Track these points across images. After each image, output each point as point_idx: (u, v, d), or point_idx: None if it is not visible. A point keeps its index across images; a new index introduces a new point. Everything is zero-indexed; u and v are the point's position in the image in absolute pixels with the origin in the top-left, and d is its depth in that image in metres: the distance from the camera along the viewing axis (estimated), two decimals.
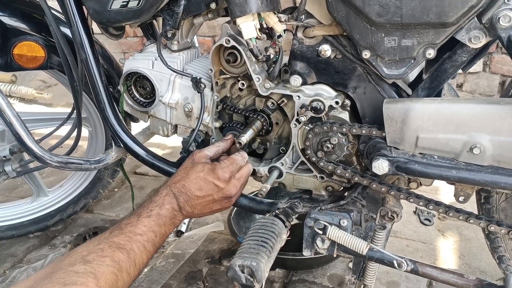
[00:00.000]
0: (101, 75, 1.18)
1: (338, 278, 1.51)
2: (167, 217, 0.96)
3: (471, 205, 1.04)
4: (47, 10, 1.17)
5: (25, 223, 1.76)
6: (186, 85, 1.16)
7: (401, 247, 1.66)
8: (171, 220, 0.97)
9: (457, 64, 0.92)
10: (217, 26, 3.19)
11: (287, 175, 1.13)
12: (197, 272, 1.57)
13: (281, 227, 0.97)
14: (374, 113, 1.01)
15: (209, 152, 1.08)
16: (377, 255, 0.97)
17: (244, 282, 0.86)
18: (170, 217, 0.97)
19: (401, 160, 0.93)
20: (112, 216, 1.92)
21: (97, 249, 0.83)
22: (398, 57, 0.91)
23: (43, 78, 3.61)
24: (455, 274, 0.96)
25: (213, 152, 1.08)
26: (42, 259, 1.62)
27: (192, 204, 1.01)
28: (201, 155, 1.06)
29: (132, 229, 0.90)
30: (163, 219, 0.95)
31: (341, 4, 0.90)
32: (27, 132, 1.14)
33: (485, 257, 1.59)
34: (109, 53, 1.58)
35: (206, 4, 1.05)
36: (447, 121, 0.89)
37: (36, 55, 1.41)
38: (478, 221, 0.97)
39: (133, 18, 1.09)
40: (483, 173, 0.88)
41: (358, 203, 1.03)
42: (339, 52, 0.99)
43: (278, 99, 1.08)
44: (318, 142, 1.04)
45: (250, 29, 0.95)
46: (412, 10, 0.85)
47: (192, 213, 1.02)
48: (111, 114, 1.20)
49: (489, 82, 2.84)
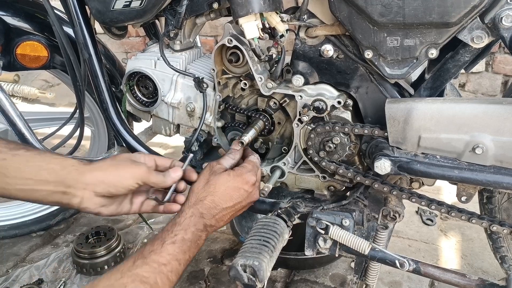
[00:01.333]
0: (104, 75, 1.18)
1: (340, 277, 1.51)
2: (192, 241, 0.90)
3: (473, 205, 1.04)
4: (50, 10, 1.18)
5: (28, 222, 1.76)
6: (189, 85, 1.17)
7: (403, 247, 1.66)
8: (196, 243, 0.91)
9: (460, 64, 0.92)
10: (219, 26, 3.20)
11: (289, 175, 1.14)
12: (199, 271, 1.57)
13: (283, 227, 0.97)
14: (376, 113, 1.01)
15: (227, 164, 1.03)
16: (379, 255, 0.97)
17: (246, 282, 0.86)
18: (194, 240, 0.90)
19: (404, 160, 0.93)
20: (114, 216, 1.92)
21: (120, 284, 0.79)
22: (400, 57, 0.91)
23: (46, 78, 3.62)
24: (457, 274, 0.96)
25: (230, 164, 1.04)
26: (44, 258, 1.63)
27: (219, 217, 0.97)
28: (220, 166, 1.01)
29: (156, 258, 0.83)
30: (187, 244, 0.88)
31: (343, 4, 0.90)
32: (30, 131, 1.15)
33: (487, 257, 1.59)
34: (111, 53, 1.58)
35: (208, 4, 1.06)
36: (450, 121, 0.89)
37: (39, 55, 1.42)
38: (481, 221, 0.96)
39: (135, 18, 1.09)
40: (486, 173, 0.88)
41: (360, 203, 1.03)
42: (341, 52, 0.99)
43: (280, 99, 1.08)
44: (320, 142, 1.04)
45: (253, 29, 0.96)
46: (414, 10, 0.85)
47: (217, 226, 0.98)
48: (114, 113, 1.20)
49: (491, 82, 2.83)
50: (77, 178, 0.89)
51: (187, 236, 0.89)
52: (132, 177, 0.93)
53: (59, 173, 0.88)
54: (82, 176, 0.89)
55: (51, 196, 0.88)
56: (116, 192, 0.93)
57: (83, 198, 0.90)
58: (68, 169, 0.89)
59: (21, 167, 0.86)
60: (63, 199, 0.89)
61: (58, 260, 1.61)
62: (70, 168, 0.89)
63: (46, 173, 0.87)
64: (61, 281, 1.51)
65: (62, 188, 0.88)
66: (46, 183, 0.87)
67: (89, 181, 0.89)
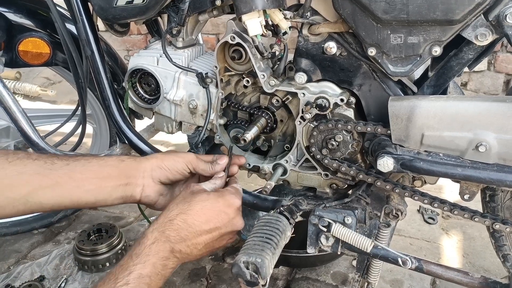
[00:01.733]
0: (106, 72, 1.18)
1: (341, 276, 1.51)
2: (152, 275, 0.76)
3: (476, 203, 1.04)
4: (52, 7, 1.18)
5: (30, 219, 1.76)
6: (191, 82, 1.16)
7: (404, 246, 1.66)
8: (159, 275, 0.78)
9: (463, 61, 0.92)
10: (221, 23, 3.19)
11: (292, 173, 1.13)
12: (200, 269, 1.57)
13: (285, 224, 0.97)
14: (379, 110, 1.00)
15: (207, 187, 0.94)
16: (381, 253, 0.97)
17: (248, 279, 0.86)
18: (156, 272, 0.78)
19: (406, 157, 0.93)
20: (116, 213, 1.93)
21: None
22: (404, 54, 0.91)
23: (47, 75, 3.62)
24: (460, 272, 0.96)
25: (211, 189, 0.94)
26: (46, 255, 1.63)
27: (192, 243, 0.84)
28: (199, 187, 0.93)
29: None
30: (145, 281, 0.75)
31: (347, 1, 0.90)
32: (32, 128, 1.15)
33: (489, 256, 1.59)
34: (113, 50, 1.58)
35: (211, 1, 1.05)
36: (453, 118, 0.89)
37: (41, 52, 1.42)
38: (483, 219, 0.96)
39: (138, 14, 1.09)
40: (489, 171, 0.88)
41: (363, 200, 1.03)
42: (345, 49, 0.99)
43: (282, 96, 1.08)
44: (323, 140, 1.04)
45: (256, 26, 0.95)
46: (418, 7, 0.85)
47: (189, 255, 0.85)
48: (116, 111, 1.20)
49: (493, 81, 2.83)
50: (136, 166, 0.94)
51: (145, 270, 0.76)
52: (184, 161, 0.98)
53: (119, 166, 0.93)
54: (140, 164, 0.95)
55: (115, 191, 0.92)
56: (171, 176, 0.97)
57: (144, 185, 0.94)
58: (126, 162, 0.95)
59: (83, 170, 0.90)
60: (127, 190, 0.93)
61: (59, 257, 1.61)
62: (128, 161, 0.95)
63: (108, 169, 0.92)
64: (63, 278, 1.51)
65: (125, 180, 0.93)
66: (110, 178, 0.91)
67: (147, 167, 0.95)
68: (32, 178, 0.85)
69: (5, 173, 0.83)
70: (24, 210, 0.85)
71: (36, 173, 0.86)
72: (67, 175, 0.88)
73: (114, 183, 0.92)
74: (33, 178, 0.85)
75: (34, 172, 0.86)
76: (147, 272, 0.76)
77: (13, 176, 0.83)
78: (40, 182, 0.85)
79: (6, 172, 0.83)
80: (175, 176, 0.98)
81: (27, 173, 0.85)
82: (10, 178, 0.83)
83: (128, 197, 0.94)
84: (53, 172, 0.87)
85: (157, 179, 0.96)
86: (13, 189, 0.83)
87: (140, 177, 0.94)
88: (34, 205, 0.85)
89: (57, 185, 0.87)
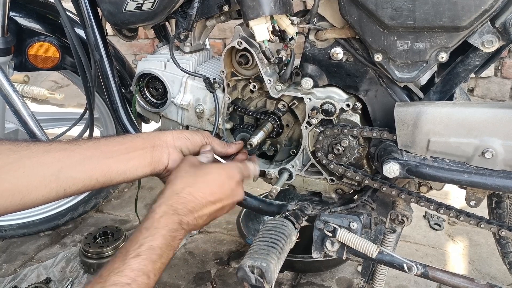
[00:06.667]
0: (114, 76, 1.19)
1: (346, 281, 1.51)
2: (163, 247, 0.78)
3: (482, 210, 1.04)
4: (62, 12, 1.19)
5: (36, 222, 1.78)
6: (198, 87, 1.17)
7: (410, 252, 1.66)
8: (169, 246, 0.80)
9: (470, 68, 0.92)
10: (227, 28, 3.21)
11: (297, 177, 1.14)
12: (205, 273, 1.57)
13: (291, 229, 0.97)
14: (385, 116, 1.01)
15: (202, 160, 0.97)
16: (387, 258, 0.97)
17: (253, 283, 0.86)
18: (166, 244, 0.79)
19: (412, 163, 0.93)
20: (121, 216, 1.93)
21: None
22: (410, 60, 0.91)
23: (55, 79, 3.65)
24: (465, 278, 0.96)
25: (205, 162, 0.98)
26: (52, 257, 1.64)
27: (199, 215, 0.87)
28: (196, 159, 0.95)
29: (116, 280, 0.71)
30: (157, 252, 0.77)
31: (353, 7, 0.91)
32: (41, 131, 1.16)
33: (495, 263, 1.58)
34: (121, 54, 1.60)
35: (219, 7, 1.06)
36: (459, 125, 0.89)
37: (51, 56, 1.43)
38: (489, 226, 0.96)
39: (147, 20, 1.10)
40: (495, 178, 0.88)
41: (368, 206, 1.03)
42: (351, 55, 0.99)
43: (289, 101, 1.09)
44: (329, 145, 1.04)
45: (263, 32, 0.96)
46: (425, 14, 0.85)
47: (195, 226, 0.87)
48: (124, 114, 1.21)
49: (500, 87, 2.82)
50: (158, 136, 0.98)
51: (155, 242, 0.78)
52: (201, 134, 1.03)
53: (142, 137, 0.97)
54: (161, 134, 0.99)
55: (144, 157, 0.94)
56: (191, 147, 1.00)
57: (169, 153, 0.96)
58: (146, 133, 0.99)
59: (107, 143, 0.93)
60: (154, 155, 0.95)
61: (65, 260, 1.62)
62: (148, 133, 0.99)
63: (132, 139, 0.96)
64: (69, 280, 1.52)
65: (151, 145, 0.96)
66: (136, 146, 0.94)
67: (169, 136, 0.98)
68: (60, 154, 0.85)
69: (32, 152, 0.83)
70: (57, 190, 0.84)
71: (62, 150, 0.86)
72: (93, 148, 0.89)
73: (141, 149, 0.93)
74: (61, 154, 0.85)
75: (61, 149, 0.86)
76: (158, 243, 0.78)
77: (41, 154, 0.83)
78: (69, 157, 0.86)
79: (33, 151, 0.83)
80: (194, 147, 1.01)
81: (54, 150, 0.85)
82: (39, 157, 0.83)
83: (156, 162, 0.95)
84: (79, 147, 0.88)
85: (179, 147, 0.98)
86: (43, 166, 0.83)
87: (164, 145, 0.97)
88: (66, 180, 0.84)
89: (86, 158, 0.87)
